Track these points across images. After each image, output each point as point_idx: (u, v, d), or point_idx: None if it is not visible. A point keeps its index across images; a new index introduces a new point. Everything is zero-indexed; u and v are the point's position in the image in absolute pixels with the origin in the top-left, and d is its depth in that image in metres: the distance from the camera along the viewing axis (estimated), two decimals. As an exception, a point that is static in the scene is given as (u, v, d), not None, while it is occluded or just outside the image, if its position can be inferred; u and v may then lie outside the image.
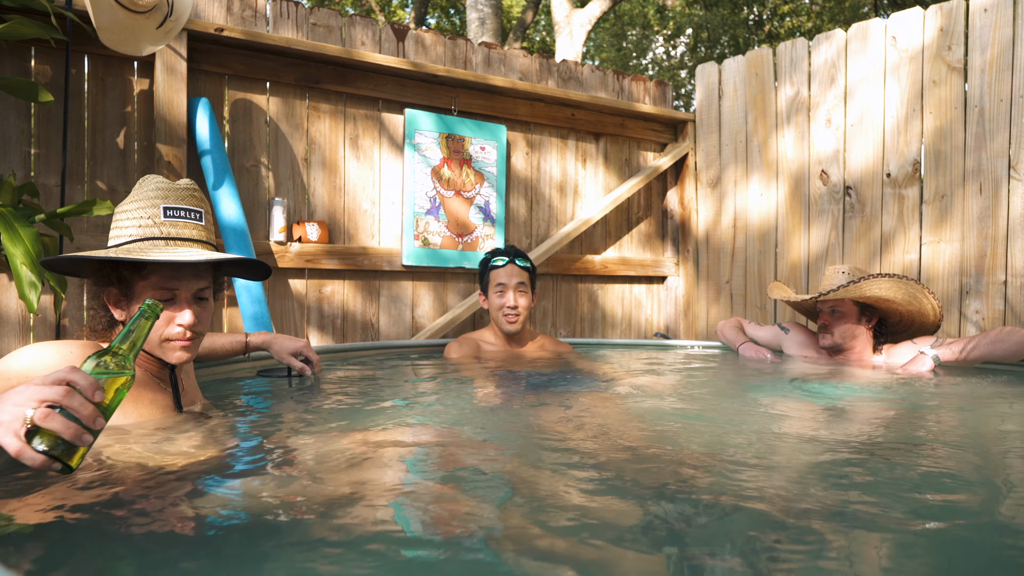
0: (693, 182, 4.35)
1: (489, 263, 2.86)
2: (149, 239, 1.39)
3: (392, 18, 14.86)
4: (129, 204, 1.44)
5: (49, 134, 2.72)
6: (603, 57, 15.00)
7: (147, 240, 1.39)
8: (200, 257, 1.36)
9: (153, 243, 1.39)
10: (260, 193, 3.19)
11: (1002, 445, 1.63)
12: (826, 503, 1.12)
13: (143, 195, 1.44)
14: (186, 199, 1.46)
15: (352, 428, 1.58)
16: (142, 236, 1.40)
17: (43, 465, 0.90)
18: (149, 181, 1.46)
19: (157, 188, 1.44)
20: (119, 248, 1.39)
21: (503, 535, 0.97)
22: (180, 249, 1.40)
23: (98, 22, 2.31)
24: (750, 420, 1.80)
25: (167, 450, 1.27)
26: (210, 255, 1.39)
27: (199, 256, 1.37)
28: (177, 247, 1.40)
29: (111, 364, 0.98)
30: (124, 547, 0.91)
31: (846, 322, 2.71)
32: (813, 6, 13.10)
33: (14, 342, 2.67)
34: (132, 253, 1.36)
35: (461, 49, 3.70)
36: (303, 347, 2.17)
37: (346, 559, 0.87)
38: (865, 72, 3.53)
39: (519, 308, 2.78)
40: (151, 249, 1.38)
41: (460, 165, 3.63)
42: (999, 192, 3.07)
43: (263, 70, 3.14)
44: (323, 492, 1.10)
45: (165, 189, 1.44)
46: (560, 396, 2.06)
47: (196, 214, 1.46)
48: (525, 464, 1.33)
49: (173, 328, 1.44)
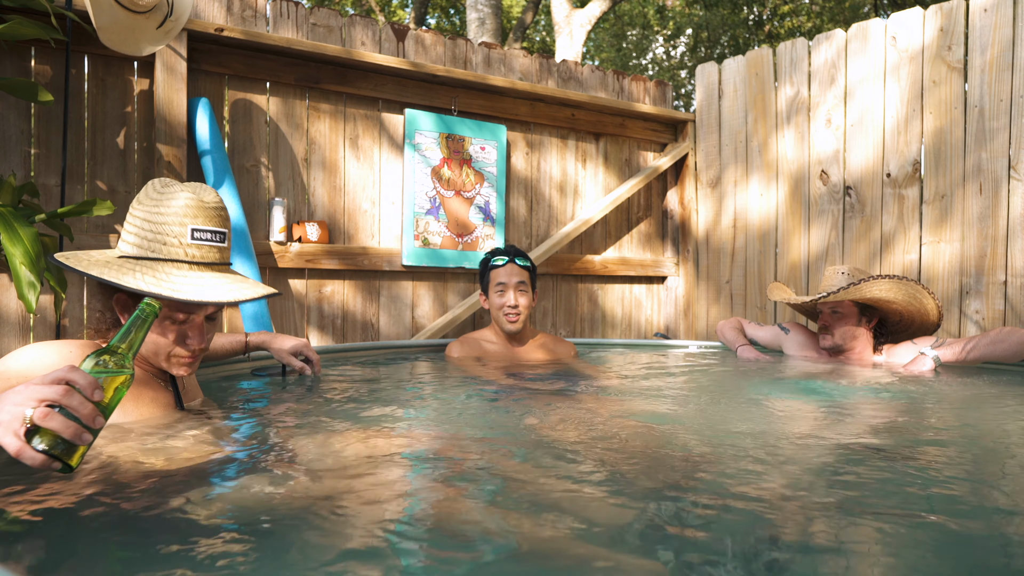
0: (693, 182, 4.35)
1: (489, 263, 2.86)
2: (172, 260, 1.36)
3: (392, 18, 14.86)
4: (153, 212, 1.37)
5: (49, 134, 2.72)
6: (603, 57, 15.01)
7: (170, 261, 1.36)
8: (225, 298, 1.34)
9: (176, 265, 1.36)
10: (260, 193, 3.19)
11: (1002, 445, 1.63)
12: (826, 503, 1.11)
13: (172, 209, 1.37)
14: (214, 220, 1.40)
15: (352, 428, 1.58)
16: (166, 256, 1.36)
17: (43, 464, 0.90)
18: (178, 193, 1.38)
19: (187, 206, 1.37)
20: (139, 263, 1.36)
21: (503, 535, 0.97)
22: (205, 275, 1.37)
23: (98, 22, 2.31)
24: (750, 420, 1.80)
25: (168, 449, 1.27)
26: (233, 291, 1.36)
27: (223, 296, 1.34)
28: (200, 272, 1.38)
29: (110, 363, 0.98)
30: (124, 547, 0.91)
31: (846, 323, 2.71)
32: (813, 6, 13.11)
33: (14, 342, 2.67)
34: (156, 273, 1.33)
35: (461, 49, 3.70)
36: (303, 346, 2.17)
37: (346, 559, 0.87)
38: (865, 72, 3.53)
39: (520, 307, 2.78)
40: (173, 273, 1.35)
41: (460, 165, 3.63)
42: (999, 192, 3.07)
43: (263, 70, 3.14)
44: (323, 492, 1.10)
45: (196, 208, 1.38)
46: (560, 396, 2.06)
47: (221, 235, 1.42)
48: (525, 464, 1.33)
49: (184, 348, 1.44)
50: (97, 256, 1.41)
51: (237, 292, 1.37)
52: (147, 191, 1.41)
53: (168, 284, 1.32)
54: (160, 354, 1.43)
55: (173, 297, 1.29)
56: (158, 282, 1.32)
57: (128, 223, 1.41)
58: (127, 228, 1.41)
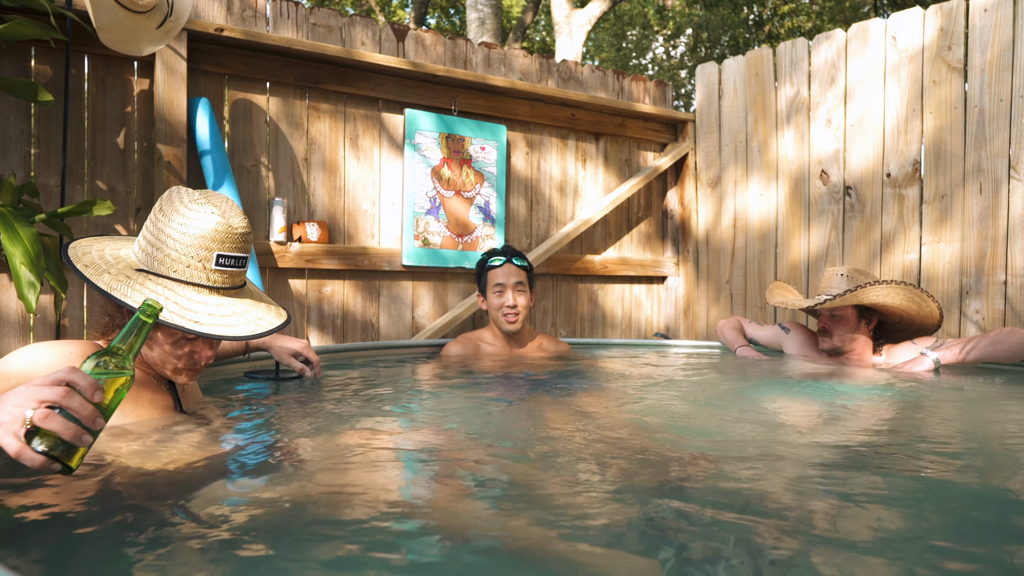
0: (693, 182, 4.35)
1: (486, 263, 2.86)
2: (195, 284, 1.35)
3: (392, 18, 14.86)
4: (180, 231, 1.35)
5: (49, 134, 2.72)
6: (603, 57, 15.01)
7: (192, 285, 1.35)
8: (244, 332, 1.34)
9: (197, 289, 1.36)
10: (260, 193, 3.19)
11: (1002, 445, 1.63)
12: (826, 504, 1.11)
13: (201, 232, 1.35)
14: (240, 246, 1.39)
15: (352, 428, 1.58)
16: (188, 279, 1.35)
17: (42, 466, 0.89)
18: (208, 215, 1.36)
19: (216, 231, 1.35)
20: (159, 281, 1.34)
21: (503, 535, 0.97)
22: (224, 302, 1.37)
23: (98, 22, 2.31)
24: (750, 420, 1.80)
25: (167, 450, 1.27)
26: (251, 325, 1.37)
27: (244, 330, 1.34)
28: (220, 298, 1.38)
29: (111, 364, 0.98)
30: (124, 547, 0.91)
31: (846, 325, 2.70)
32: (813, 6, 13.10)
33: (14, 342, 2.67)
34: (178, 297, 1.32)
35: (461, 49, 3.70)
36: (303, 348, 2.17)
37: (346, 559, 0.87)
38: (865, 72, 3.53)
39: (518, 307, 2.77)
40: (193, 298, 1.34)
41: (460, 165, 3.63)
42: (999, 192, 3.07)
43: (263, 70, 3.14)
44: (323, 492, 1.10)
45: (224, 233, 1.36)
46: (559, 397, 2.06)
47: (243, 260, 1.41)
48: (524, 465, 1.33)
49: (192, 362, 1.44)
50: (110, 258, 1.38)
51: (254, 325, 1.37)
52: (174, 203, 1.38)
53: (191, 315, 1.31)
54: (168, 365, 1.44)
55: (197, 332, 1.29)
56: (180, 310, 1.31)
57: (150, 231, 1.38)
58: (148, 235, 1.38)
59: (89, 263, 1.36)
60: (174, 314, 1.30)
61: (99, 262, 1.37)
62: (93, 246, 1.43)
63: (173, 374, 1.46)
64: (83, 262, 1.35)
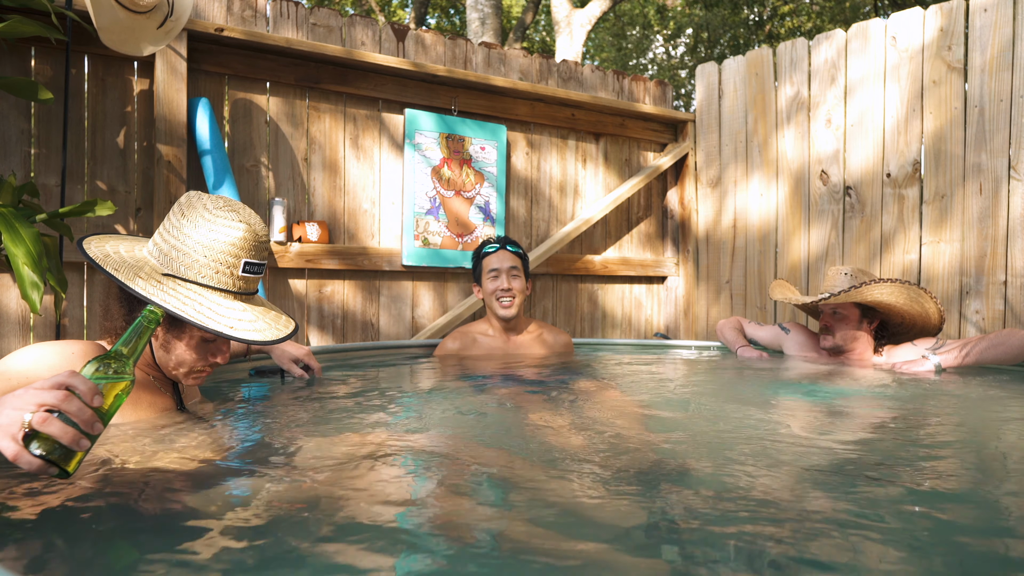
0: (693, 182, 4.35)
1: (481, 252, 2.86)
2: (222, 290, 1.36)
3: (392, 18, 14.85)
4: (209, 237, 1.35)
5: (49, 134, 2.72)
6: (603, 57, 15.00)
7: (219, 290, 1.36)
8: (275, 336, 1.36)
9: (224, 295, 1.37)
10: (260, 193, 3.19)
11: (1002, 445, 1.63)
12: (826, 504, 1.12)
13: (230, 239, 1.36)
14: (263, 252, 1.42)
15: (352, 428, 1.58)
16: (216, 284, 1.35)
17: (40, 470, 0.89)
18: (235, 222, 1.37)
19: (244, 238, 1.37)
20: (188, 287, 1.34)
21: (502, 535, 0.97)
22: (248, 308, 1.38)
23: (98, 22, 2.31)
24: (750, 421, 1.80)
25: (168, 450, 1.27)
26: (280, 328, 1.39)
27: (273, 334, 1.37)
28: (244, 304, 1.39)
29: (111, 369, 0.98)
30: (124, 547, 0.91)
31: (848, 324, 2.70)
32: (813, 6, 13.10)
33: (15, 342, 2.67)
34: (208, 303, 1.33)
35: (461, 49, 3.70)
36: (304, 355, 2.17)
37: (346, 559, 0.87)
38: (865, 72, 3.53)
39: (513, 290, 2.75)
40: (222, 304, 1.35)
41: (460, 165, 3.63)
42: (999, 192, 3.07)
43: (263, 70, 3.14)
44: (323, 492, 1.10)
45: (252, 240, 1.38)
46: (559, 396, 2.06)
47: (263, 267, 1.44)
48: (524, 463, 1.33)
49: (211, 364, 1.45)
50: (130, 260, 1.36)
51: (275, 330, 1.39)
52: (197, 209, 1.38)
53: (224, 320, 1.32)
54: (183, 367, 1.44)
55: (235, 337, 1.30)
56: (215, 315, 1.32)
57: (170, 235, 1.37)
58: (167, 238, 1.37)
59: (118, 265, 1.34)
60: (210, 319, 1.30)
61: (127, 263, 1.35)
62: (107, 243, 1.41)
63: (185, 376, 1.46)
64: (111, 264, 1.33)
